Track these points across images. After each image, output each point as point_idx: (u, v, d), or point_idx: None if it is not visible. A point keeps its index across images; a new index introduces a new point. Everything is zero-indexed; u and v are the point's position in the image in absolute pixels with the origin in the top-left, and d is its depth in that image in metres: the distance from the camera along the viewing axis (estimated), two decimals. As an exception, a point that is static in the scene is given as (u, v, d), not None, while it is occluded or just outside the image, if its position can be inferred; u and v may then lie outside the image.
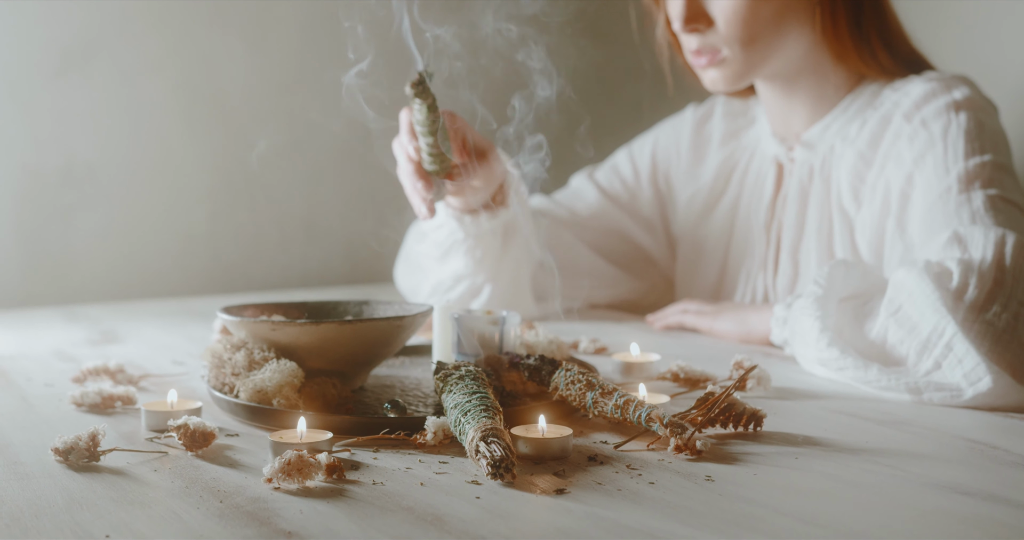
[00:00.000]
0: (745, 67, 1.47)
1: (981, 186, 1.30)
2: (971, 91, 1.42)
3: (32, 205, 1.84)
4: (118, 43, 1.87)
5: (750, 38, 1.44)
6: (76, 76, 1.85)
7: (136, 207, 1.92)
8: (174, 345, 1.45)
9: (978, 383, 1.08)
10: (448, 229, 1.50)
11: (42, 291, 1.85)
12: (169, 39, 1.91)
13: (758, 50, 1.45)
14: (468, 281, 1.54)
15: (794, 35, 1.47)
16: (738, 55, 1.45)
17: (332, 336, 1.09)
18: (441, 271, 1.56)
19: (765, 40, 1.45)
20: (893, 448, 0.96)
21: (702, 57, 1.47)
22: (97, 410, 1.10)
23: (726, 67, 1.47)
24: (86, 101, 1.86)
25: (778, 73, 1.51)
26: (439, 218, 1.49)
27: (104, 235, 1.90)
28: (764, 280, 1.57)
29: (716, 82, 1.49)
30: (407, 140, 1.33)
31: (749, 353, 1.36)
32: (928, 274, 1.15)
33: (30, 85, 1.82)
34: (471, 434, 0.91)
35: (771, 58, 1.47)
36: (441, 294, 1.56)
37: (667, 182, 1.73)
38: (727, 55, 1.46)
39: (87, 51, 1.85)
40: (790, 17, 1.45)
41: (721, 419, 1.00)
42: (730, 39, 1.44)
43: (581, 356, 1.37)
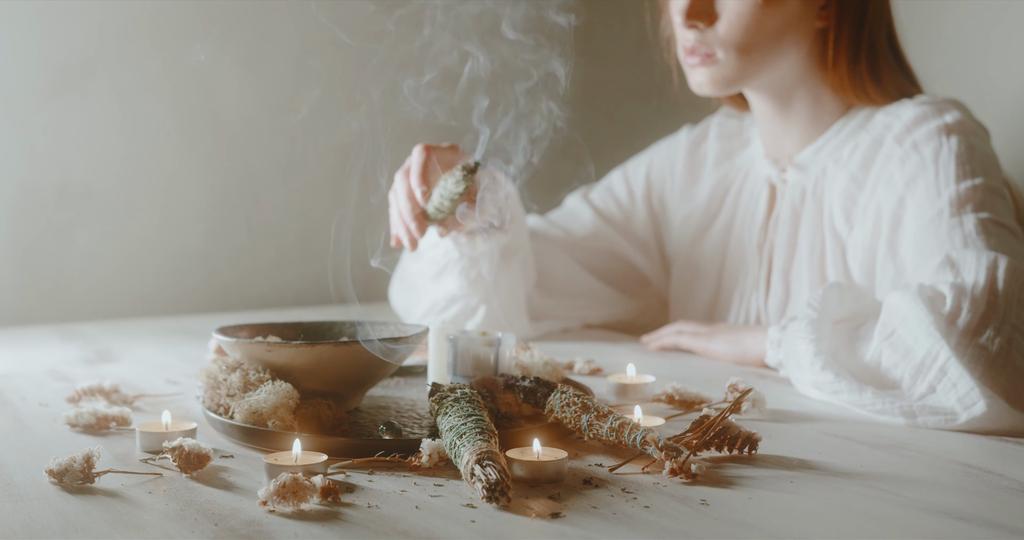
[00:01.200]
0: (734, 74, 1.47)
1: (973, 209, 1.31)
2: (962, 115, 1.42)
3: (28, 222, 1.84)
4: (115, 62, 1.88)
5: (747, 46, 1.45)
6: (73, 94, 1.85)
7: (132, 225, 1.92)
8: (169, 364, 1.45)
9: (972, 407, 1.09)
10: (443, 249, 1.50)
11: (37, 309, 1.85)
12: (166, 58, 1.92)
13: (752, 60, 1.46)
14: (462, 302, 1.55)
15: (790, 55, 1.47)
16: (731, 60, 1.46)
17: (327, 357, 1.09)
18: (435, 291, 1.56)
19: (760, 51, 1.45)
20: (888, 472, 0.96)
21: (695, 56, 1.48)
22: (91, 431, 1.10)
23: (716, 70, 1.47)
24: (83, 119, 1.87)
25: (770, 89, 1.51)
26: (434, 237, 1.49)
27: (100, 253, 1.90)
28: (757, 301, 1.57)
29: (703, 85, 1.49)
30: (416, 183, 1.33)
31: (744, 375, 1.36)
32: (921, 298, 1.16)
33: (27, 103, 1.83)
34: (466, 457, 0.91)
35: (762, 71, 1.48)
36: (436, 314, 1.56)
37: (661, 203, 1.73)
38: (720, 58, 1.46)
39: (84, 69, 1.86)
40: (790, 37, 1.46)
41: (716, 442, 1.00)
42: (727, 43, 1.45)
43: (576, 377, 1.37)
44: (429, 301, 1.57)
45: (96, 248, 1.90)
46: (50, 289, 1.87)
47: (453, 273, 1.51)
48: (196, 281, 1.98)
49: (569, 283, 1.69)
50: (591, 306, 1.72)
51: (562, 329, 1.71)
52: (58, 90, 1.84)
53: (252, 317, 1.86)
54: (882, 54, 1.48)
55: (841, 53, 1.47)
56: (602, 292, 1.72)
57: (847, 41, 1.46)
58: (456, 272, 1.51)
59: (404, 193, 1.34)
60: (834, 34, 1.47)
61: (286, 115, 1.96)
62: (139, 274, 1.93)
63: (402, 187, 1.35)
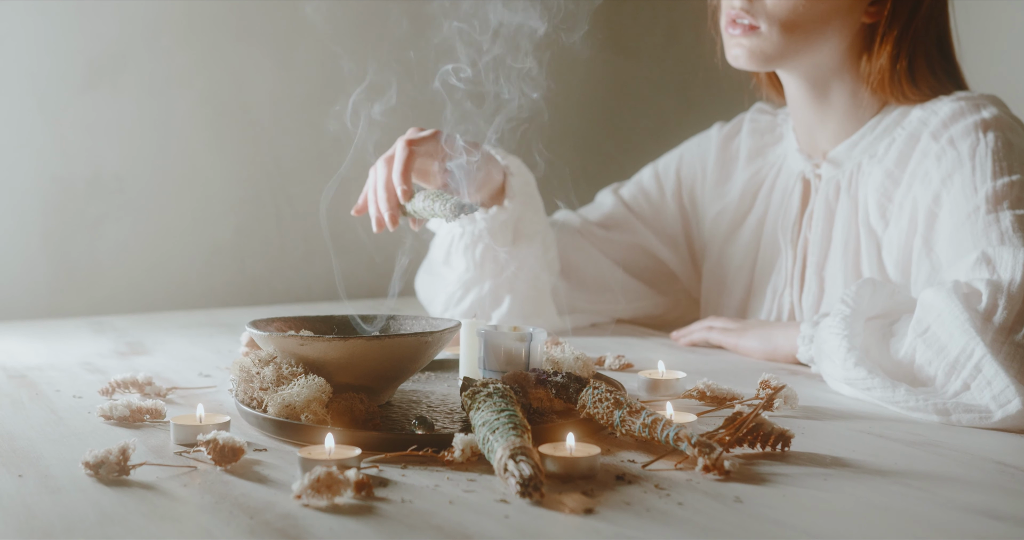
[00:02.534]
0: (774, 50, 1.45)
1: (1009, 206, 1.30)
2: (999, 110, 1.41)
3: (60, 216, 1.86)
4: (147, 56, 1.89)
5: (792, 23, 1.43)
6: (105, 88, 1.86)
7: (163, 219, 1.93)
8: (201, 357, 1.46)
9: (1007, 405, 1.08)
10: (446, 228, 1.54)
11: (69, 302, 1.86)
12: (198, 52, 1.92)
13: (795, 39, 1.44)
14: (476, 289, 1.55)
15: (832, 43, 1.46)
16: (774, 35, 1.44)
17: (360, 352, 1.09)
18: (449, 280, 1.58)
19: (804, 32, 1.44)
20: (922, 470, 0.96)
21: (737, 26, 1.47)
22: (126, 423, 1.10)
23: (756, 42, 1.45)
24: (115, 113, 1.88)
25: (807, 76, 1.50)
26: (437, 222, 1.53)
27: (131, 246, 1.91)
28: (790, 297, 1.57)
29: (739, 57, 1.48)
30: (398, 181, 1.36)
31: (775, 371, 1.35)
32: (956, 295, 1.15)
33: (59, 97, 1.84)
34: (500, 452, 0.91)
35: (801, 53, 1.46)
36: (454, 306, 1.57)
37: (691, 199, 1.73)
38: (763, 31, 1.44)
39: (116, 64, 1.86)
40: (836, 23, 1.45)
41: (749, 439, 1.00)
42: (773, 16, 1.44)
43: (606, 372, 1.37)
44: (446, 295, 1.58)
45: (127, 241, 1.91)
46: (82, 282, 1.88)
47: (458, 253, 1.54)
48: (226, 275, 1.99)
49: (597, 276, 1.70)
50: (620, 300, 1.72)
51: (591, 323, 1.71)
52: (90, 84, 1.85)
53: (282, 311, 1.87)
54: (923, 56, 1.46)
55: (885, 50, 1.45)
56: (631, 286, 1.72)
57: (894, 40, 1.45)
58: (460, 251, 1.53)
59: (383, 182, 1.37)
60: (882, 31, 1.45)
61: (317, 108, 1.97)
62: (170, 267, 1.94)
63: (383, 176, 1.38)
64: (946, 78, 1.48)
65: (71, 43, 1.83)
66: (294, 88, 1.99)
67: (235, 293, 2.00)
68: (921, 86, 1.46)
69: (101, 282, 1.89)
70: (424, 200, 1.33)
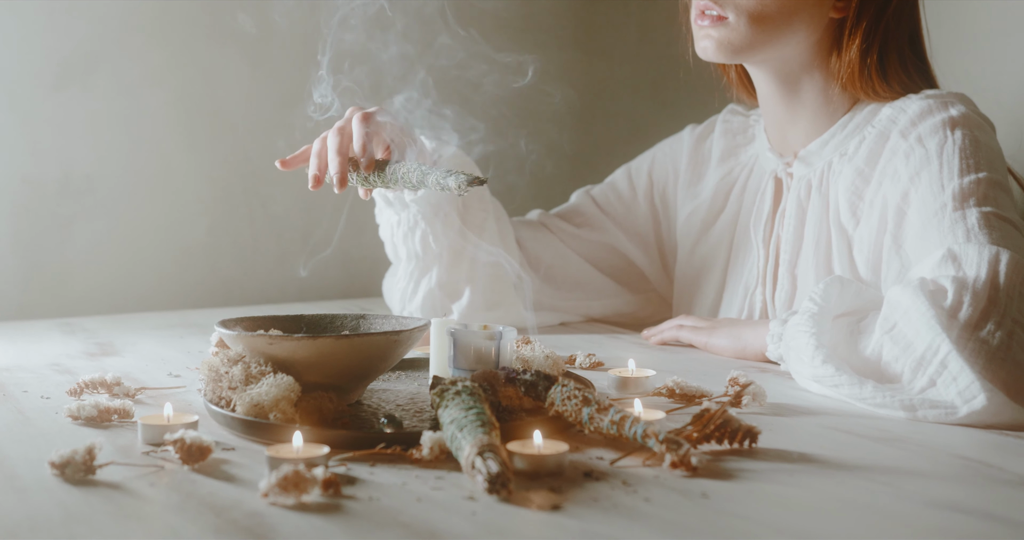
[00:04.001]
0: (742, 41, 1.45)
1: (976, 203, 1.31)
2: (967, 108, 1.42)
3: (30, 217, 1.85)
4: (118, 56, 1.88)
5: (760, 15, 1.44)
6: (76, 88, 1.85)
7: (134, 219, 1.93)
8: (171, 358, 1.46)
9: (972, 401, 1.09)
10: (384, 216, 1.56)
11: (39, 303, 1.85)
12: (170, 52, 1.92)
13: (762, 30, 1.45)
14: (424, 280, 1.57)
15: (800, 36, 1.47)
16: (742, 26, 1.45)
17: (329, 350, 1.09)
18: (400, 275, 1.58)
19: (772, 23, 1.44)
20: (888, 465, 0.97)
21: (706, 18, 1.47)
22: (94, 423, 1.10)
23: (724, 33, 1.45)
24: (85, 113, 1.87)
25: (777, 72, 1.51)
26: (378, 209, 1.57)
27: (102, 247, 1.90)
28: (762, 295, 1.57)
29: (707, 49, 1.48)
30: (359, 148, 1.34)
31: (745, 369, 1.36)
32: (923, 292, 1.16)
33: (30, 96, 1.83)
34: (467, 450, 0.91)
35: (769, 45, 1.46)
36: (408, 301, 1.58)
37: (663, 200, 1.74)
38: (731, 22, 1.45)
39: (87, 63, 1.86)
40: (803, 16, 1.45)
41: (716, 435, 1.00)
42: (740, 8, 1.44)
43: (577, 371, 1.37)
44: (399, 292, 1.59)
45: (98, 242, 1.90)
46: (52, 283, 1.87)
47: (400, 244, 1.56)
48: (198, 276, 1.98)
49: (568, 273, 1.70)
50: (591, 297, 1.73)
51: (561, 322, 1.71)
52: (60, 84, 1.85)
53: (254, 311, 1.87)
54: (896, 53, 1.47)
55: (854, 44, 1.46)
56: (602, 283, 1.73)
57: (863, 35, 1.46)
58: (400, 238, 1.55)
59: (336, 149, 1.34)
60: (850, 25, 1.46)
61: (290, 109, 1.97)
62: (141, 269, 1.94)
63: (334, 144, 1.35)
64: (918, 76, 1.49)
65: (41, 42, 1.83)
66: (267, 88, 1.98)
67: (207, 294, 2.00)
68: (892, 83, 1.47)
69: (72, 283, 1.88)
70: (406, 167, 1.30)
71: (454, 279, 1.57)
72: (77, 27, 1.85)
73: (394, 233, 1.56)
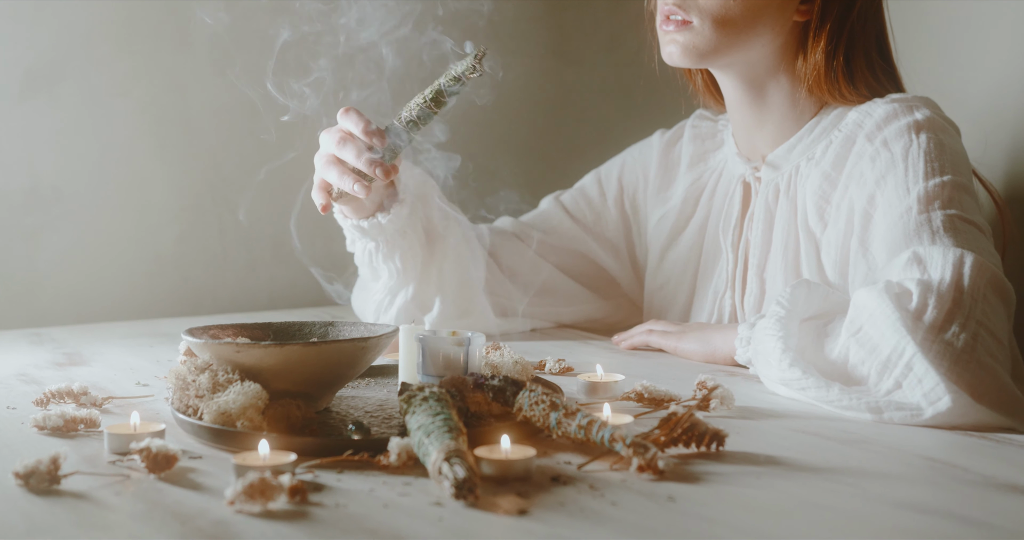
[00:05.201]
0: (707, 45, 1.46)
1: (941, 206, 1.31)
2: (932, 112, 1.43)
3: (-3, 227, 1.84)
4: (85, 65, 1.87)
5: (724, 18, 1.45)
6: (42, 98, 1.85)
7: (103, 229, 1.92)
8: (139, 367, 1.45)
9: (937, 403, 1.09)
10: (360, 244, 1.54)
11: (7, 314, 1.84)
12: (137, 61, 1.91)
13: (727, 33, 1.45)
14: (401, 293, 1.56)
15: (765, 39, 1.47)
16: (706, 30, 1.45)
17: (297, 358, 1.09)
18: (376, 288, 1.58)
19: (736, 27, 1.45)
20: (854, 467, 0.97)
21: (670, 23, 1.48)
22: (60, 433, 1.09)
23: (689, 37, 1.46)
24: (52, 123, 1.86)
25: (743, 76, 1.51)
26: (348, 239, 1.55)
27: (70, 257, 1.89)
28: (731, 299, 1.58)
29: (672, 54, 1.49)
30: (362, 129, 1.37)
31: (714, 373, 1.36)
32: (888, 294, 1.17)
33: (-4, 107, 1.82)
34: (434, 455, 0.91)
35: (734, 49, 1.47)
36: (384, 312, 1.58)
37: (633, 205, 1.74)
38: (696, 26, 1.46)
39: (53, 73, 1.85)
40: (767, 19, 1.46)
41: (684, 439, 1.01)
42: (704, 11, 1.45)
43: (547, 376, 1.37)
44: (374, 303, 1.59)
45: (66, 252, 1.89)
46: (20, 293, 1.86)
47: (380, 265, 1.55)
48: (168, 284, 1.98)
49: (538, 280, 1.70)
50: (561, 303, 1.73)
51: (531, 328, 1.71)
52: (26, 94, 1.84)
53: (224, 319, 1.86)
54: (863, 56, 1.48)
55: (819, 47, 1.47)
56: (572, 289, 1.73)
57: (827, 37, 1.47)
58: (381, 262, 1.54)
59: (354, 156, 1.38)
60: (815, 27, 1.47)
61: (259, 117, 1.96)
62: (110, 278, 1.93)
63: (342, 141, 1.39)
64: (885, 78, 1.50)
65: (6, 52, 1.82)
66: (235, 96, 1.98)
67: (177, 303, 1.99)
68: (859, 86, 1.48)
69: (39, 294, 1.87)
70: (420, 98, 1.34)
71: (426, 291, 1.57)
72: (42, 36, 1.84)
73: (373, 258, 1.54)
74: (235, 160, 2.01)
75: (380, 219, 1.49)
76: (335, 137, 1.40)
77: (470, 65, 1.28)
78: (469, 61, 1.28)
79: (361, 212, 1.50)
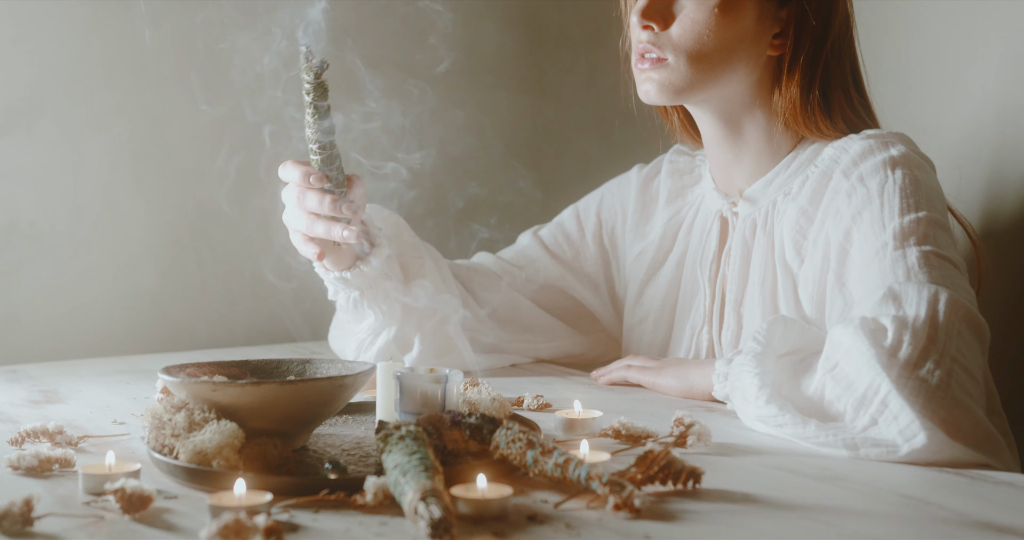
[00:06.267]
0: (683, 81, 1.47)
1: (916, 242, 1.32)
2: (907, 148, 1.44)
3: (-25, 263, 1.83)
4: (64, 101, 1.87)
5: (698, 54, 1.46)
6: (21, 133, 1.84)
7: (81, 265, 1.91)
8: (116, 405, 1.44)
9: (913, 439, 1.10)
10: (343, 295, 1.54)
11: (-16, 350, 1.83)
12: (116, 97, 1.91)
13: (702, 69, 1.46)
14: (384, 333, 1.56)
15: (740, 74, 1.48)
16: (681, 66, 1.46)
17: (273, 397, 1.09)
18: (359, 330, 1.58)
19: (711, 62, 1.46)
20: (830, 504, 0.97)
21: (646, 61, 1.48)
22: (34, 473, 1.09)
23: (665, 74, 1.47)
24: (30, 158, 1.86)
25: (720, 111, 1.52)
26: (331, 290, 1.55)
27: (48, 293, 1.89)
28: (709, 334, 1.58)
29: (649, 92, 1.50)
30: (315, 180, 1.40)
31: (692, 408, 1.36)
32: (863, 331, 1.17)
33: (-26, 143, 1.82)
34: (410, 495, 0.91)
35: (710, 84, 1.48)
36: (365, 351, 1.57)
37: (612, 240, 1.74)
38: (671, 63, 1.47)
39: (32, 109, 1.85)
40: (742, 54, 1.47)
41: (660, 477, 1.01)
42: (679, 47, 1.46)
43: (525, 413, 1.37)
44: (356, 340, 1.59)
45: (44, 288, 1.88)
46: (-3, 330, 1.85)
47: (364, 310, 1.55)
48: (146, 320, 1.97)
49: (516, 316, 1.70)
50: (540, 339, 1.73)
51: (511, 364, 1.71)
52: (5, 129, 1.84)
53: (202, 356, 1.85)
54: (840, 89, 1.49)
55: (794, 81, 1.48)
56: (551, 325, 1.73)
57: (801, 71, 1.48)
58: (366, 307, 1.54)
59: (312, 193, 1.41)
60: (789, 61, 1.48)
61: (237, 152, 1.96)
62: (88, 314, 1.92)
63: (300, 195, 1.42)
64: (863, 111, 1.51)
65: (-15, 89, 1.82)
66: (213, 132, 1.98)
67: (156, 339, 1.98)
68: (836, 119, 1.49)
69: (17, 330, 1.86)
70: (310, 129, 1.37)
71: (406, 332, 1.57)
72: (21, 73, 1.84)
73: (358, 305, 1.54)
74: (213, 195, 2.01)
75: (362, 267, 1.49)
76: (292, 193, 1.42)
77: (305, 66, 1.32)
78: (303, 63, 1.32)
79: (342, 263, 1.50)
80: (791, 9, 1.48)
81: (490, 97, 2.23)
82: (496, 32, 2.25)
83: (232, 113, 1.99)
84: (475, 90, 2.22)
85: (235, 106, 1.98)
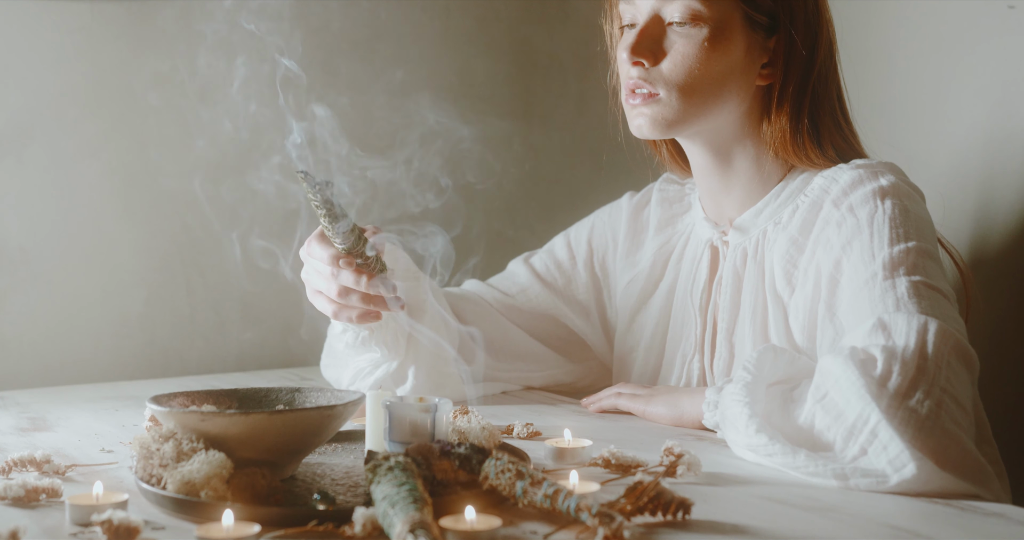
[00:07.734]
0: (675, 115, 1.47)
1: (905, 272, 1.32)
2: (897, 178, 1.45)
3: (-37, 289, 1.83)
4: (53, 127, 1.87)
5: (689, 88, 1.46)
6: (10, 160, 1.84)
7: (70, 291, 1.91)
8: (105, 432, 1.44)
9: (903, 469, 1.10)
10: (352, 333, 1.53)
11: (-29, 377, 1.83)
12: (105, 123, 1.91)
13: (693, 103, 1.47)
14: (385, 365, 1.55)
15: (731, 105, 1.49)
16: (673, 101, 1.47)
17: (262, 426, 1.09)
18: (359, 360, 1.57)
19: (702, 95, 1.47)
20: (818, 536, 0.97)
21: (637, 97, 1.49)
22: (21, 503, 1.08)
23: (657, 109, 1.47)
24: (19, 184, 1.86)
25: (710, 143, 1.52)
26: (340, 327, 1.54)
27: (37, 319, 1.88)
28: (700, 363, 1.58)
29: (642, 127, 1.50)
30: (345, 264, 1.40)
31: (682, 437, 1.36)
32: (853, 361, 1.17)
33: (-36, 169, 1.82)
34: (399, 527, 0.90)
35: (701, 117, 1.48)
36: (362, 379, 1.57)
37: (603, 268, 1.74)
38: (662, 98, 1.47)
39: (22, 135, 1.85)
40: (732, 86, 1.48)
41: (650, 507, 1.00)
42: (670, 82, 1.46)
43: (514, 441, 1.37)
44: (354, 369, 1.58)
45: (33, 314, 1.88)
46: (-15, 356, 1.84)
47: (369, 345, 1.54)
48: (135, 346, 1.96)
49: (507, 345, 1.70)
50: (531, 368, 1.72)
51: (501, 392, 1.71)
52: (-5, 156, 1.84)
53: (191, 382, 1.85)
54: (829, 118, 1.50)
55: (784, 110, 1.48)
56: (542, 354, 1.73)
57: (791, 100, 1.48)
58: (372, 344, 1.53)
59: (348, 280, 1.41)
60: (778, 91, 1.49)
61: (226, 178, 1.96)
62: (77, 340, 1.91)
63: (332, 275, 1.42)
64: (853, 141, 1.52)
65: (-25, 115, 1.82)
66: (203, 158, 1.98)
67: (145, 365, 1.98)
68: (827, 149, 1.49)
69: (5, 356, 1.86)
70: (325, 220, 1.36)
71: (402, 363, 1.56)
72: (10, 99, 1.84)
73: (363, 340, 1.54)
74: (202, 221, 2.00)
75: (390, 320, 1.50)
76: (324, 270, 1.42)
77: (309, 190, 1.31)
78: (305, 188, 1.31)
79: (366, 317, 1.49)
80: (779, 38, 1.49)
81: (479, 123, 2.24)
82: (486, 59, 2.26)
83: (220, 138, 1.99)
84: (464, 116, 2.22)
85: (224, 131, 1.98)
